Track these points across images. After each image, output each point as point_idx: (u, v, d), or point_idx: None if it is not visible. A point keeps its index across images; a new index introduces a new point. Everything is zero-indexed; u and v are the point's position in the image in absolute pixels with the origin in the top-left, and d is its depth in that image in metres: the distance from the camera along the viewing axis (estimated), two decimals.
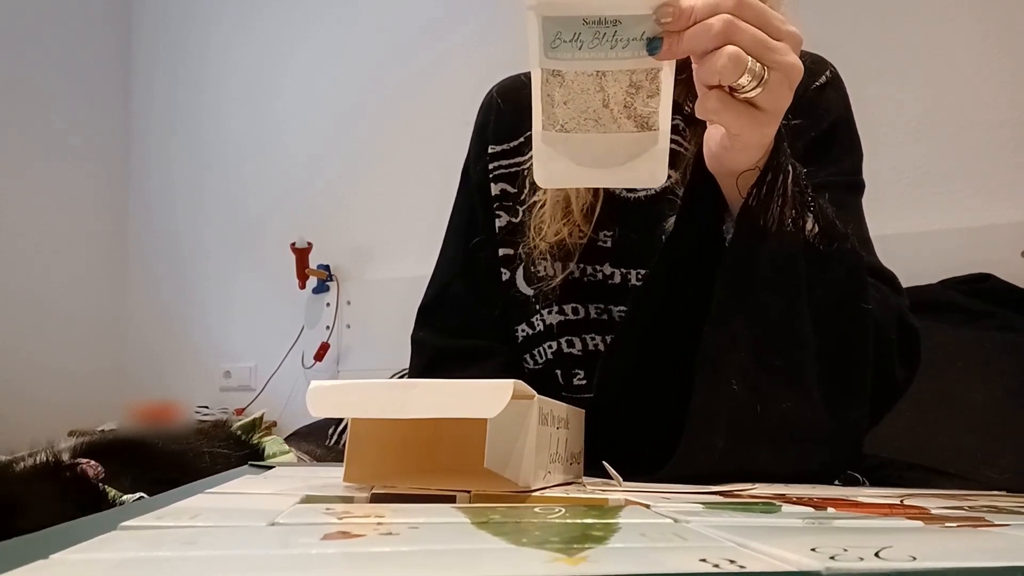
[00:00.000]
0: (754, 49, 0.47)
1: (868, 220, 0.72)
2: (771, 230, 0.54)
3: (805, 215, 0.54)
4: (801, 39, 0.50)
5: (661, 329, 0.63)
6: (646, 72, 0.48)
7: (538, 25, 0.46)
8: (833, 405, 0.55)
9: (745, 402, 0.53)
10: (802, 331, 0.55)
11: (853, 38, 1.71)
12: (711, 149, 0.56)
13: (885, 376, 0.59)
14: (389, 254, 2.37)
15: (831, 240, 0.55)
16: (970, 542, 0.27)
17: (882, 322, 0.59)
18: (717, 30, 0.45)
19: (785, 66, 0.48)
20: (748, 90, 0.48)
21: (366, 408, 0.39)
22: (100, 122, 2.97)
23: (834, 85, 0.75)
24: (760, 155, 0.54)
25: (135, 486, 0.75)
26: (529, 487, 0.40)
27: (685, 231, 0.61)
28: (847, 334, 0.56)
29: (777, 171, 0.54)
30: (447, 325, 0.80)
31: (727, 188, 0.58)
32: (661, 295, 0.62)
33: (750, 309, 0.55)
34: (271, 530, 0.27)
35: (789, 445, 0.55)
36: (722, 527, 0.28)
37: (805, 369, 0.55)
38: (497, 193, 0.79)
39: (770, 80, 0.48)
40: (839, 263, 0.56)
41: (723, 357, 0.54)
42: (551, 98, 0.49)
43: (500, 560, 0.22)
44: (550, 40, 0.46)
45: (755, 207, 0.54)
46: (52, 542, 0.23)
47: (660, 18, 0.45)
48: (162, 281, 2.85)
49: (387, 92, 2.43)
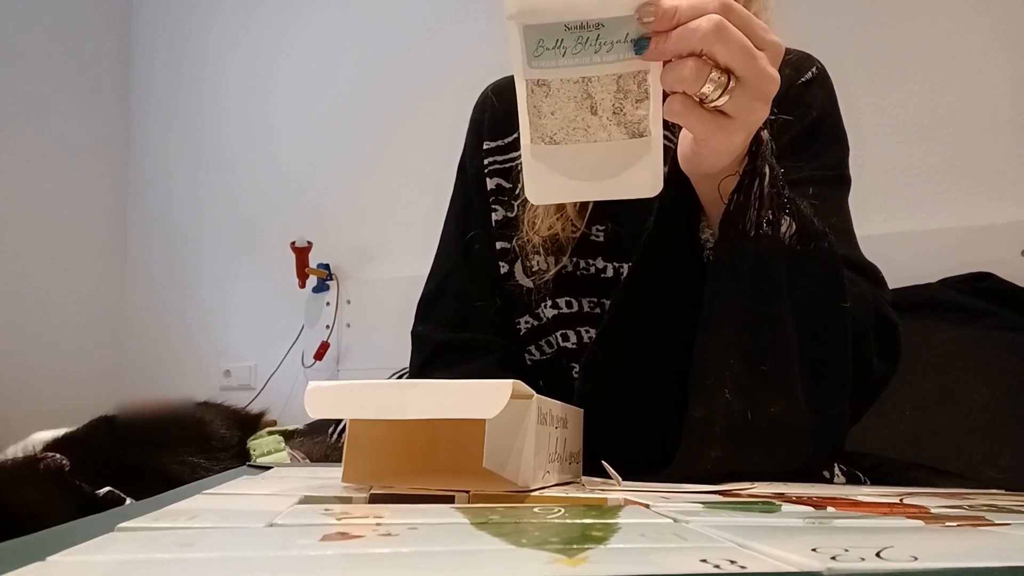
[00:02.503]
0: (737, 55, 0.46)
1: (868, 220, 0.73)
2: (749, 234, 0.54)
3: (781, 217, 0.54)
4: (783, 49, 0.50)
5: (641, 330, 0.63)
6: (633, 76, 0.47)
7: (520, 35, 0.45)
8: (815, 403, 0.56)
9: (738, 409, 0.53)
10: (786, 333, 0.55)
11: (854, 37, 1.71)
12: (683, 151, 0.56)
13: (863, 371, 0.60)
14: (389, 253, 2.37)
15: (808, 240, 0.55)
16: (971, 542, 0.27)
17: (859, 318, 0.59)
18: (705, 31, 0.45)
19: (762, 75, 0.47)
20: (713, 99, 0.47)
21: (365, 409, 0.39)
22: (100, 122, 2.97)
23: (819, 82, 0.75)
24: (730, 161, 0.54)
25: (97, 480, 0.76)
26: (528, 487, 0.40)
27: (661, 233, 0.61)
28: (826, 332, 0.57)
29: (754, 176, 0.54)
30: (446, 317, 0.81)
31: (701, 190, 0.58)
32: (640, 296, 0.62)
33: (736, 315, 0.55)
34: (270, 531, 0.27)
35: (777, 446, 0.55)
36: (722, 527, 0.28)
37: (790, 371, 0.55)
38: (493, 187, 0.80)
39: (741, 90, 0.47)
40: (817, 263, 0.56)
41: (716, 366, 0.54)
42: (538, 110, 0.48)
43: (500, 561, 0.22)
44: (532, 49, 0.45)
45: (735, 212, 0.54)
46: (49, 544, 0.23)
47: (642, 17, 0.44)
48: (161, 280, 2.85)
49: (386, 91, 2.43)
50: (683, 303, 0.57)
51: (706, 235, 0.61)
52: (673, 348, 0.57)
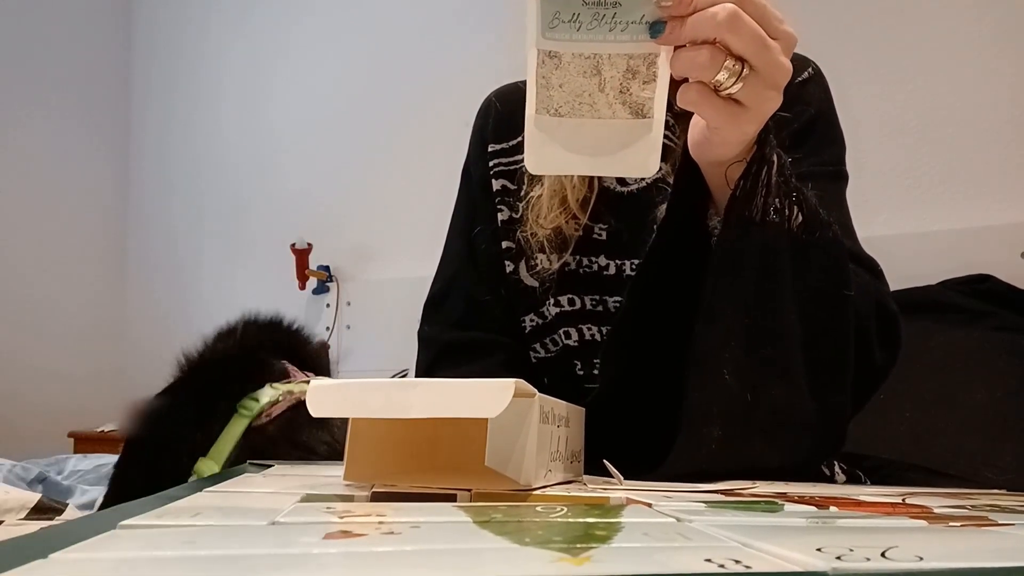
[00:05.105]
0: (751, 44, 0.47)
1: (869, 222, 0.73)
2: (756, 221, 0.54)
3: (789, 205, 0.55)
4: (796, 40, 0.50)
5: (655, 321, 0.63)
6: (644, 58, 0.47)
7: (537, 4, 0.45)
8: (817, 392, 0.56)
9: (737, 393, 0.54)
10: (788, 320, 0.55)
11: (854, 38, 1.71)
12: (694, 138, 0.56)
13: (865, 360, 0.60)
14: (389, 255, 2.37)
15: (814, 229, 0.56)
16: (976, 542, 0.27)
17: (861, 308, 0.60)
18: (721, 19, 0.45)
19: (775, 65, 0.48)
20: (727, 87, 0.48)
21: (367, 408, 0.39)
22: (100, 123, 2.97)
23: (816, 81, 0.76)
24: (740, 149, 0.54)
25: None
26: (530, 486, 0.40)
27: (673, 221, 0.62)
28: (830, 321, 0.57)
29: (762, 163, 0.54)
30: (453, 318, 0.82)
31: (711, 177, 0.58)
32: (653, 287, 0.63)
33: (739, 301, 0.55)
34: (272, 529, 0.27)
35: (779, 434, 0.55)
36: (725, 526, 0.28)
37: (792, 358, 0.56)
38: (498, 189, 0.81)
39: (754, 78, 0.48)
40: (822, 251, 0.56)
41: (715, 350, 0.55)
42: (546, 80, 0.48)
43: (504, 560, 0.21)
44: (548, 20, 0.46)
45: (741, 199, 0.55)
46: (51, 541, 0.23)
47: (660, 1, 0.45)
48: (161, 282, 2.85)
49: (387, 92, 2.43)
50: (693, 290, 0.57)
51: (714, 222, 0.61)
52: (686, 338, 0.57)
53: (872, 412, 0.66)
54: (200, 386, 0.92)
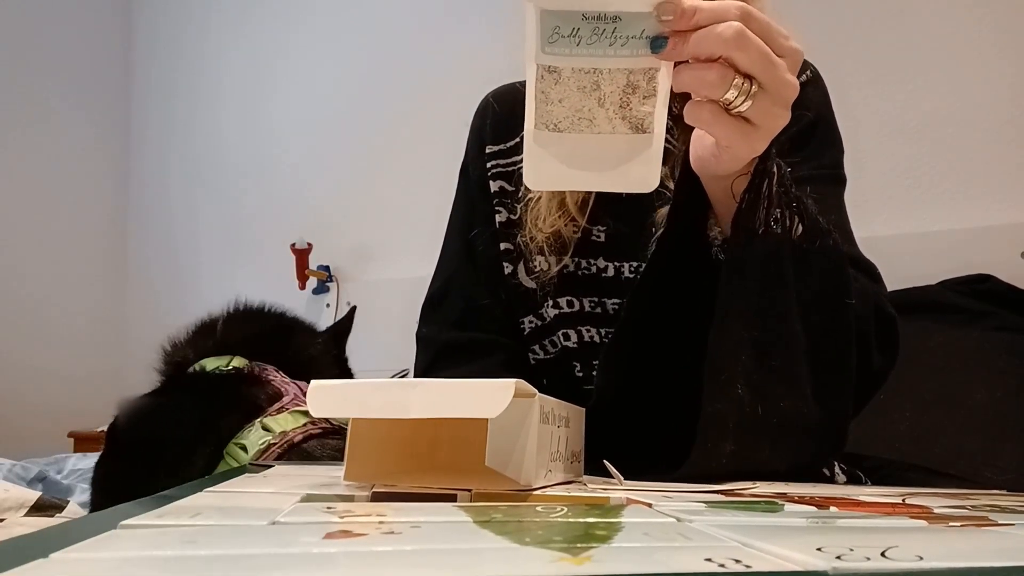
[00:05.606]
0: (759, 62, 0.46)
1: (869, 222, 0.73)
2: (759, 232, 0.54)
3: (790, 215, 0.55)
4: (802, 55, 0.50)
5: (656, 328, 0.63)
6: (644, 72, 0.47)
7: (536, 18, 0.45)
8: (821, 397, 0.57)
9: (749, 404, 0.54)
10: (793, 328, 0.56)
11: (854, 39, 1.71)
12: (697, 153, 0.56)
13: (865, 364, 0.61)
14: (389, 255, 2.37)
15: (814, 238, 0.56)
16: (976, 542, 0.27)
17: (861, 313, 0.60)
18: (727, 37, 0.45)
19: (783, 82, 0.48)
20: (737, 105, 0.48)
21: (367, 408, 0.39)
22: (100, 123, 2.97)
23: (814, 84, 0.76)
24: (746, 163, 0.54)
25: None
26: (530, 486, 0.40)
27: (673, 233, 0.62)
28: (832, 327, 0.57)
29: (764, 175, 0.54)
30: (451, 318, 0.81)
31: (712, 191, 0.59)
32: (653, 295, 0.63)
33: (747, 312, 0.55)
34: (272, 529, 0.27)
35: (785, 440, 0.56)
36: (726, 526, 0.28)
37: (797, 365, 0.56)
38: (496, 190, 0.80)
39: (763, 96, 0.48)
40: (823, 259, 0.57)
41: (729, 362, 0.55)
42: (545, 95, 0.48)
43: (504, 560, 0.21)
44: (548, 35, 0.45)
45: (746, 211, 0.55)
46: (52, 541, 0.23)
47: (661, 15, 0.45)
48: (161, 282, 2.84)
49: (387, 92, 2.43)
50: (694, 299, 0.58)
51: (714, 232, 0.62)
52: (687, 344, 0.57)
53: (872, 412, 0.66)
54: (180, 416, 0.88)
